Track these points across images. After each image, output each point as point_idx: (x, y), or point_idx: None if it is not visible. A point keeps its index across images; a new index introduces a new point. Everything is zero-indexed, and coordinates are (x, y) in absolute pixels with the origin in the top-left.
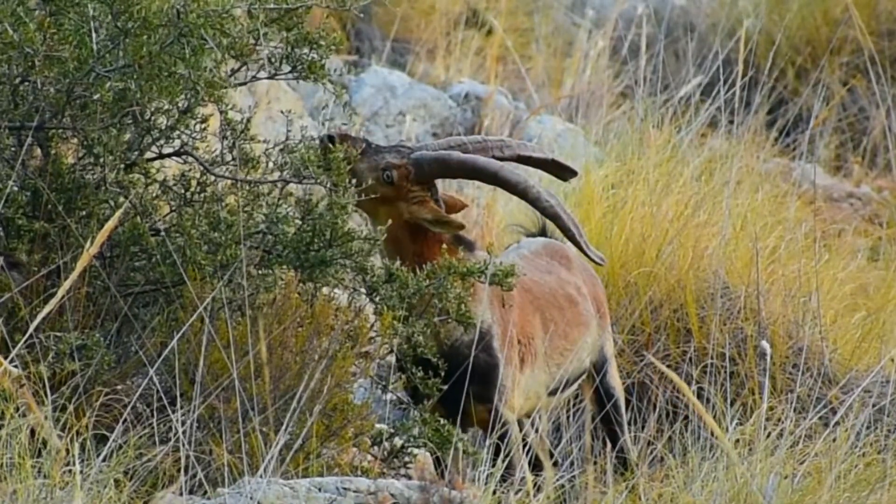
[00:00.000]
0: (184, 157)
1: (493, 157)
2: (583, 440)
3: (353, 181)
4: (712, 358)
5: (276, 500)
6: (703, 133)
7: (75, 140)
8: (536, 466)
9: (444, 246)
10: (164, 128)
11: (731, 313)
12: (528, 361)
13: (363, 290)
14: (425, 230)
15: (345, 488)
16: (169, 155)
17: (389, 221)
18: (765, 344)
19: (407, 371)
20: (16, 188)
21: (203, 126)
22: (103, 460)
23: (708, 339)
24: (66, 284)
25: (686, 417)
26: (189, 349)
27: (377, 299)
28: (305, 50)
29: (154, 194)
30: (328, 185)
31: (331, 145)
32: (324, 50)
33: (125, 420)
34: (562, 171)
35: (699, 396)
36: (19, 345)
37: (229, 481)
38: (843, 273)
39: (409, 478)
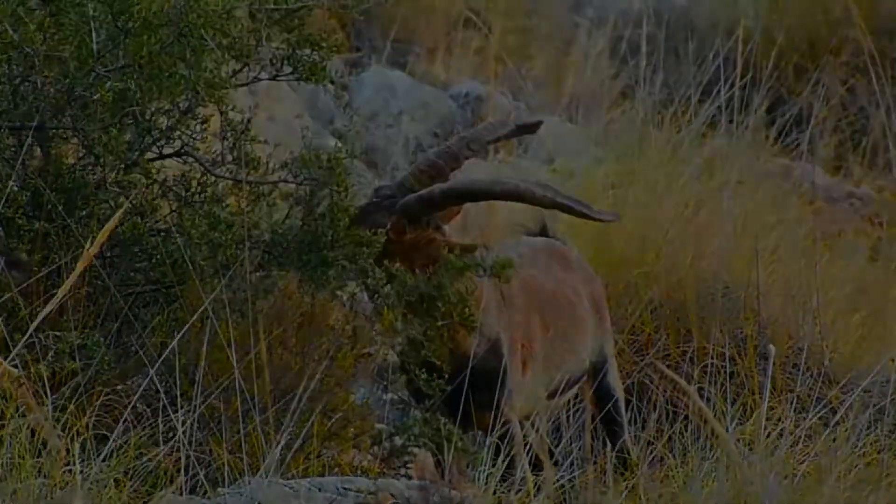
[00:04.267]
0: (184, 157)
1: (465, 157)
2: (583, 440)
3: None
4: (712, 358)
5: (276, 500)
6: (703, 133)
7: (75, 140)
8: (536, 466)
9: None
10: (164, 128)
11: (731, 313)
12: (529, 364)
13: (364, 294)
14: None
15: (345, 488)
16: (169, 155)
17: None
18: (771, 347)
19: (411, 373)
20: (16, 188)
21: (203, 126)
22: (103, 460)
23: (708, 339)
24: (66, 284)
25: (686, 417)
26: (189, 349)
27: (377, 299)
28: (307, 51)
29: (155, 195)
30: (331, 188)
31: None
32: (325, 51)
33: (125, 420)
34: (529, 129)
35: (699, 396)
36: (19, 345)
37: (229, 481)
38: (843, 273)
39: (409, 478)
